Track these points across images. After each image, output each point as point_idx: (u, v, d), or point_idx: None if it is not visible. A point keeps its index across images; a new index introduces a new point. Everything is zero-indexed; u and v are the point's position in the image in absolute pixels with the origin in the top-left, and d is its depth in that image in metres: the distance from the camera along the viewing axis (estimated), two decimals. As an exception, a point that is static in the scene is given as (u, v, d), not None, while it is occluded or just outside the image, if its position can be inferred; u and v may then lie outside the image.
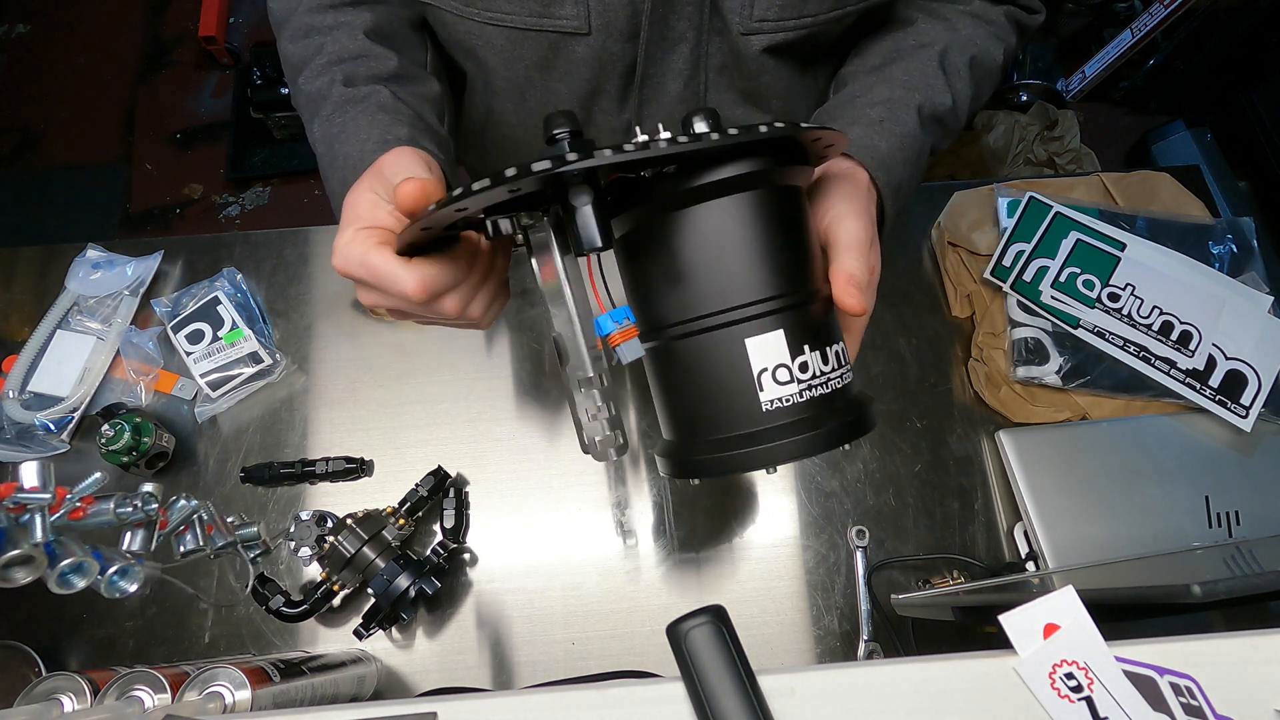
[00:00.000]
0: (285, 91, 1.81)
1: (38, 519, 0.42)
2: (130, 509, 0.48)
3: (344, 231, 0.40)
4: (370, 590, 0.64)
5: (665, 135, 0.31)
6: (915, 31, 0.57)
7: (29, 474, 0.42)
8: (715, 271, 0.34)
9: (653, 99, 0.59)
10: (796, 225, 0.37)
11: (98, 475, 0.47)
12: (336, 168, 0.47)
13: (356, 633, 0.66)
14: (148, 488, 0.49)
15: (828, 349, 0.36)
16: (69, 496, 0.45)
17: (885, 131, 0.50)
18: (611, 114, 0.61)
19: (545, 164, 0.29)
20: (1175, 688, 0.37)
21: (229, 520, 0.56)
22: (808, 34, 0.54)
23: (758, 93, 0.60)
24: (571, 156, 0.29)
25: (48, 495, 0.42)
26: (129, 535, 0.49)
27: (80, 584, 0.44)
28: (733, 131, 0.32)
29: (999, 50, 0.59)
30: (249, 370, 0.77)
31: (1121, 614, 0.47)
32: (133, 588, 0.47)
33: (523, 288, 0.83)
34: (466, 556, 0.73)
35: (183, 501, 0.52)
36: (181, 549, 0.53)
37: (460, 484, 0.75)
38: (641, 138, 0.31)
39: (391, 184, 0.39)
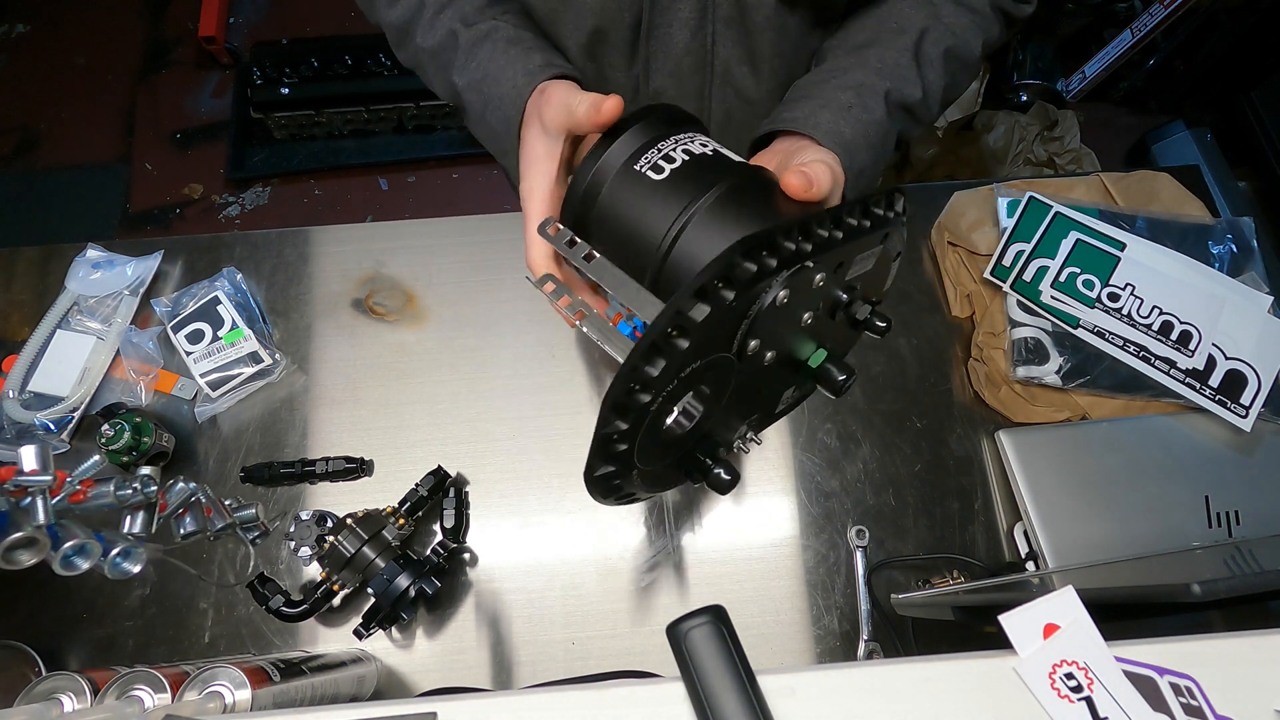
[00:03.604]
0: (285, 91, 1.81)
1: (39, 501, 0.42)
2: (130, 491, 0.48)
3: (528, 176, 0.47)
4: (370, 590, 0.64)
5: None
6: (897, 13, 0.57)
7: (28, 457, 0.42)
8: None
9: (660, 52, 0.59)
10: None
11: (96, 458, 0.47)
12: (493, 108, 0.52)
13: (356, 633, 0.65)
14: (146, 470, 0.49)
15: None
16: (69, 480, 0.45)
17: (852, 118, 0.52)
18: (620, 70, 0.61)
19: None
20: (1175, 688, 0.37)
21: (227, 503, 0.56)
22: None
23: (762, 52, 0.59)
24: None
25: (48, 477, 0.42)
26: (129, 518, 0.49)
27: (84, 565, 0.44)
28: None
29: (978, 41, 0.59)
30: (249, 370, 0.77)
31: (1121, 614, 0.47)
32: (136, 568, 0.47)
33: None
34: (466, 556, 0.73)
35: (181, 484, 0.52)
36: (182, 531, 0.53)
37: (460, 484, 0.75)
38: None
39: (559, 129, 0.45)
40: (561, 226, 0.43)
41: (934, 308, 0.84)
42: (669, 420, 0.37)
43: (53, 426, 0.75)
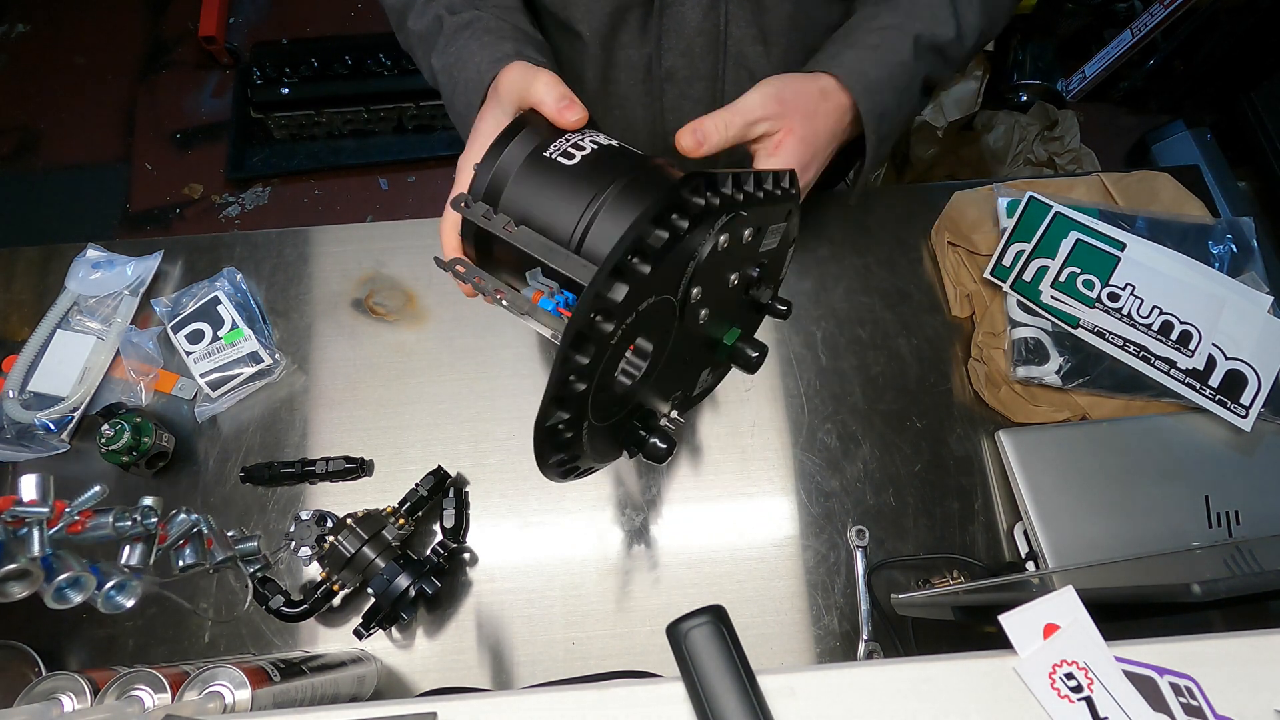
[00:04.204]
0: (285, 91, 1.81)
1: (35, 533, 0.41)
2: (129, 523, 0.47)
3: (470, 150, 0.47)
4: (370, 590, 0.64)
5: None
6: None
7: (28, 487, 0.42)
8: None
9: (672, 30, 0.59)
10: None
11: (97, 489, 0.46)
12: (459, 92, 0.53)
13: (356, 633, 0.65)
14: (147, 501, 0.49)
15: None
16: (67, 510, 0.44)
17: (877, 58, 0.51)
18: (632, 48, 0.61)
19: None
20: (1175, 688, 0.37)
21: (229, 534, 0.55)
22: None
23: (777, 28, 0.59)
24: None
25: (46, 509, 0.42)
26: (127, 549, 0.48)
27: (77, 599, 0.43)
28: None
29: None
30: (249, 370, 0.77)
31: (1121, 614, 0.47)
32: (130, 603, 0.46)
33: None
34: (466, 556, 0.73)
35: (182, 515, 0.52)
36: (180, 563, 0.52)
37: (460, 484, 0.75)
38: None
39: (511, 102, 0.47)
40: (477, 200, 0.44)
41: (934, 308, 0.84)
42: (619, 374, 0.38)
43: (53, 426, 0.75)
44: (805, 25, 0.60)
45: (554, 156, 0.43)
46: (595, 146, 0.43)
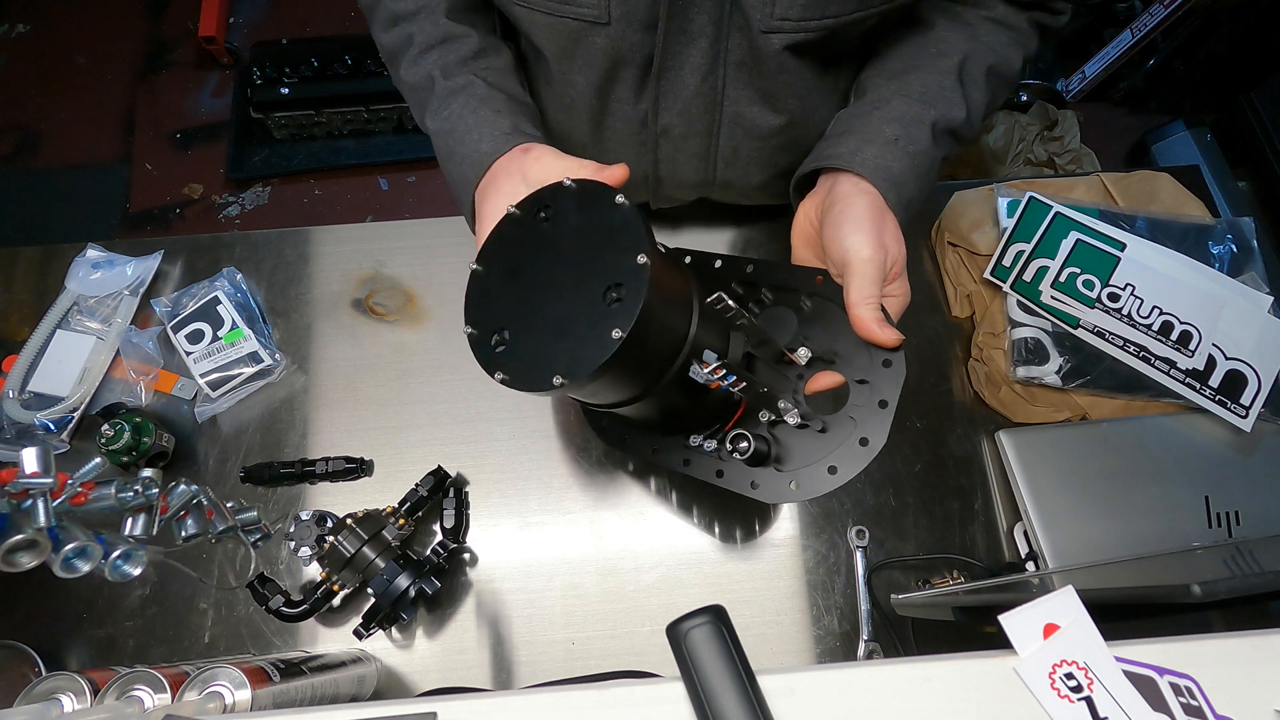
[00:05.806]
0: (285, 91, 1.81)
1: (40, 504, 0.42)
2: (131, 494, 0.48)
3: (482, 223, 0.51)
4: (370, 590, 0.64)
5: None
6: (936, 38, 0.57)
7: (30, 460, 0.42)
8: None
9: (670, 92, 0.59)
10: None
11: (97, 460, 0.47)
12: (455, 161, 0.55)
13: (356, 633, 0.65)
14: (147, 473, 0.49)
15: None
16: (70, 482, 0.45)
17: (899, 152, 0.52)
18: (628, 104, 0.61)
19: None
20: (1175, 688, 0.37)
21: (229, 505, 0.56)
22: (829, 34, 0.54)
23: (775, 92, 0.59)
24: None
25: (49, 480, 0.42)
26: (131, 520, 0.49)
27: (85, 568, 0.44)
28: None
29: (1018, 57, 0.59)
30: (249, 370, 0.77)
31: (1121, 614, 0.47)
32: (136, 571, 0.47)
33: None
34: (466, 556, 0.73)
35: (183, 486, 0.52)
36: (183, 533, 0.53)
37: (460, 484, 0.75)
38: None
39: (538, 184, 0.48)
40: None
41: (934, 308, 0.84)
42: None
43: (53, 426, 0.75)
44: (803, 91, 0.60)
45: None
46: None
